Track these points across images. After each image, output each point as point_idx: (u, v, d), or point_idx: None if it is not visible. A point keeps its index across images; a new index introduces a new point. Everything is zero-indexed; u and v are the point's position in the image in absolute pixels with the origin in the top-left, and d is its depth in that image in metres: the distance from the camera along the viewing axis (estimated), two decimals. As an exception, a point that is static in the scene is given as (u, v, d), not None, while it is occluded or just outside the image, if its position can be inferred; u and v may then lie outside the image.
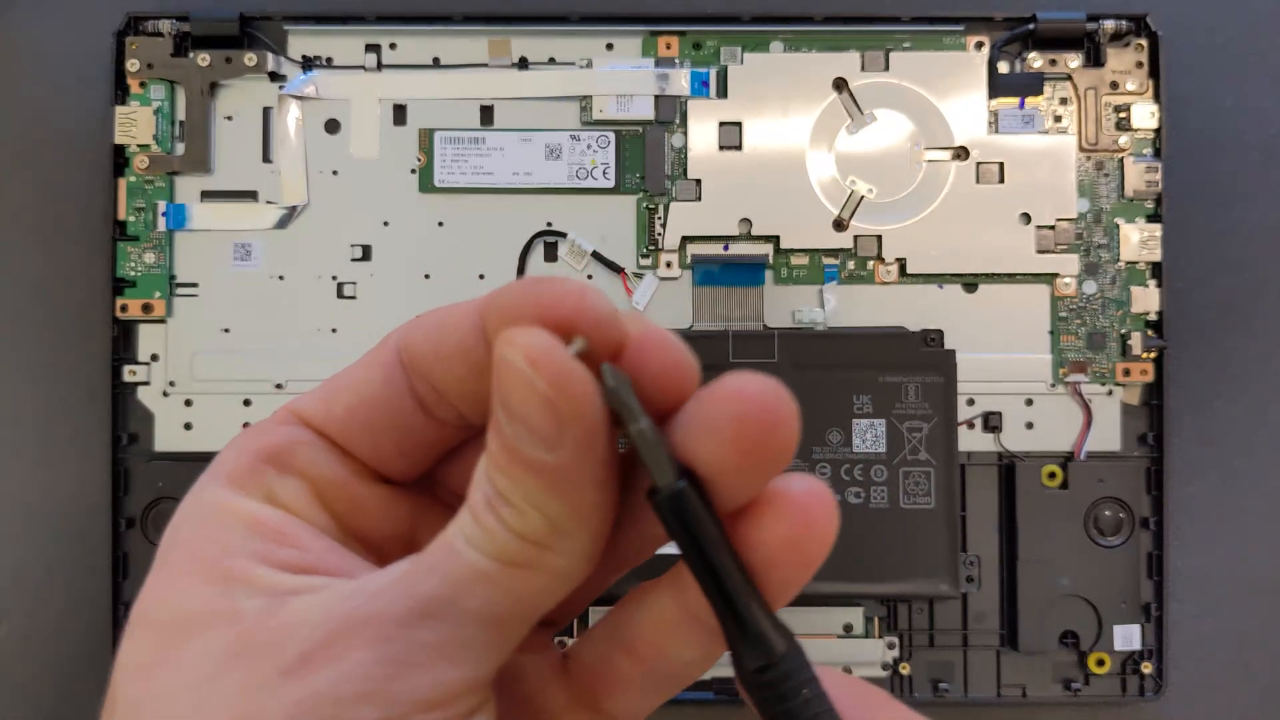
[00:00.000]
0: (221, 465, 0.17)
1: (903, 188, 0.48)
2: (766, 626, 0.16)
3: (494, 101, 0.48)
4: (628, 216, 0.48)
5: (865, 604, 0.47)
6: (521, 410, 0.15)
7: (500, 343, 0.15)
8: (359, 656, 0.15)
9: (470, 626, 0.15)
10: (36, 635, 0.48)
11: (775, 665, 0.16)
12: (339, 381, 0.18)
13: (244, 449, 0.17)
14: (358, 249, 0.48)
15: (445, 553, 0.15)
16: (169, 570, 0.16)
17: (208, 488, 0.17)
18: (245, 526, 0.16)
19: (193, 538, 0.16)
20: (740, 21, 0.49)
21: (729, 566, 0.16)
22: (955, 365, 0.45)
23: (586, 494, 0.15)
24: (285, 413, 0.18)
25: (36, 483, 0.49)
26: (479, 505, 0.15)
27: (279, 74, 0.48)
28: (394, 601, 0.15)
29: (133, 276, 0.48)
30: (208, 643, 0.15)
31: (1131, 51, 0.48)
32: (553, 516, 0.15)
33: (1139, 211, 0.48)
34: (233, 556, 0.16)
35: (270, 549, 0.16)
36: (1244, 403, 0.50)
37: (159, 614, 0.16)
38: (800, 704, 0.16)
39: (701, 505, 0.16)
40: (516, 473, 0.15)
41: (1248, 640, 0.49)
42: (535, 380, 0.14)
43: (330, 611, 0.15)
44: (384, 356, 0.17)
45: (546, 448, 0.15)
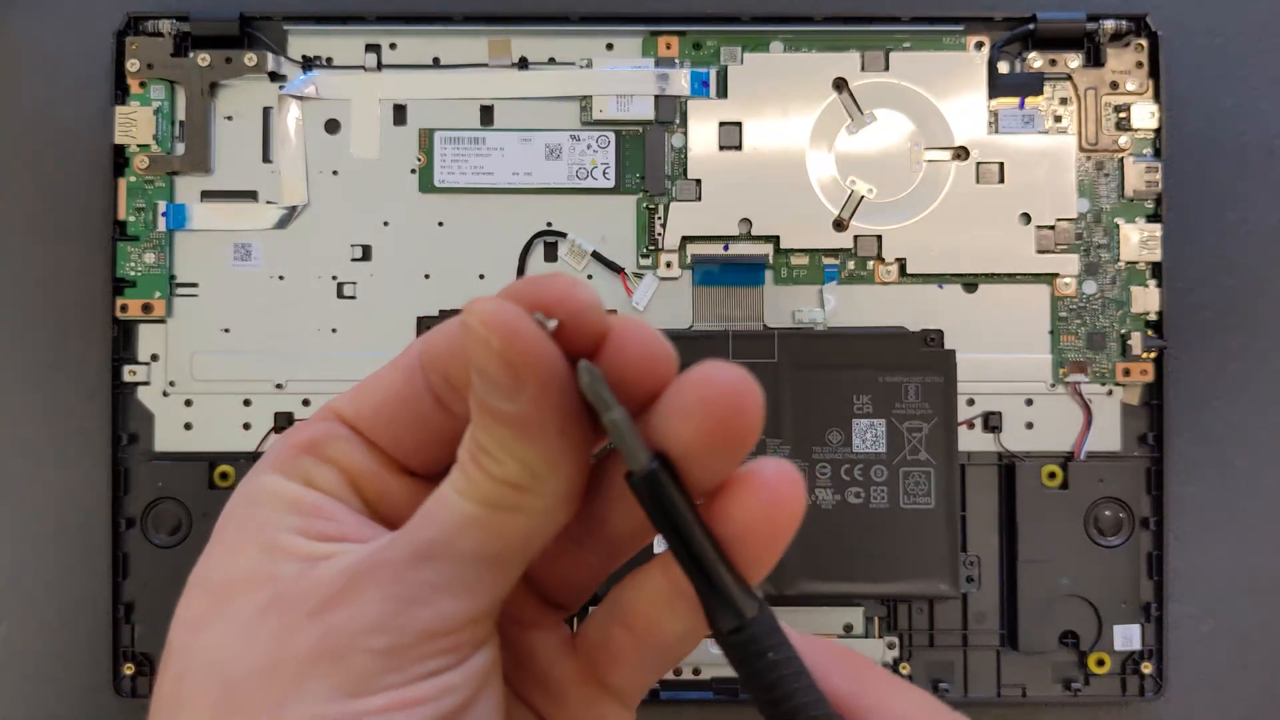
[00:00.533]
0: (267, 456, 0.20)
1: (903, 188, 0.48)
2: (736, 592, 0.17)
3: (494, 101, 0.49)
4: (628, 216, 0.48)
5: (865, 604, 0.47)
6: (483, 366, 0.17)
7: (464, 312, 0.17)
8: (370, 595, 0.17)
9: (466, 565, 0.18)
10: (36, 635, 0.48)
11: (745, 628, 0.17)
12: (369, 382, 0.20)
13: (287, 442, 0.19)
14: (358, 249, 0.48)
15: (439, 503, 0.18)
16: (221, 543, 0.19)
17: (256, 475, 0.19)
18: (286, 505, 0.19)
19: (242, 515, 0.19)
20: (740, 21, 0.49)
21: (699, 538, 0.17)
22: (955, 365, 0.45)
23: (552, 440, 0.17)
24: (325, 410, 0.20)
25: (36, 483, 0.49)
26: (464, 458, 0.18)
27: (279, 74, 0.48)
28: (399, 548, 0.18)
29: (133, 276, 0.48)
30: (248, 600, 0.18)
31: (1131, 51, 0.48)
32: (527, 461, 0.17)
33: (1139, 211, 0.48)
34: (275, 530, 0.18)
35: (308, 522, 0.18)
36: (1244, 403, 0.50)
37: (210, 577, 0.18)
38: (769, 663, 0.17)
39: (673, 484, 0.17)
40: (489, 425, 0.17)
41: (1247, 640, 0.49)
42: (489, 338, 0.16)
43: (351, 563, 0.18)
44: (408, 359, 0.19)
45: (507, 398, 0.17)
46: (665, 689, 0.47)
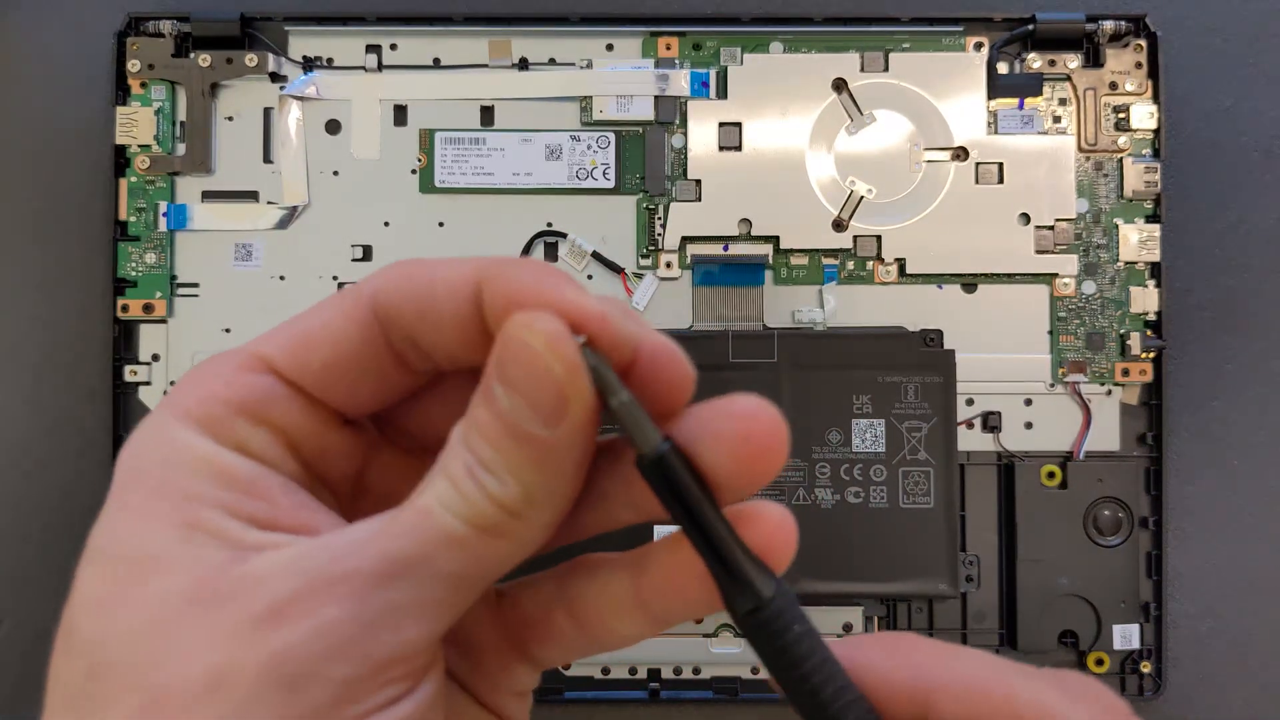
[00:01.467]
0: (188, 406, 0.17)
1: (902, 188, 0.48)
2: (753, 573, 0.17)
3: (494, 102, 0.49)
4: (628, 217, 0.48)
5: (865, 603, 0.47)
6: (529, 388, 0.16)
7: (516, 325, 0.16)
8: (332, 612, 0.15)
9: (437, 587, 0.16)
10: (36, 635, 0.49)
11: (764, 607, 0.17)
12: (309, 332, 0.18)
13: (215, 395, 0.17)
14: (358, 249, 0.49)
15: (420, 515, 0.16)
16: (130, 507, 0.17)
17: (175, 428, 0.17)
18: (215, 475, 0.16)
19: (158, 478, 0.16)
20: (740, 22, 0.49)
21: (714, 520, 0.17)
22: (954, 365, 0.45)
23: (568, 471, 0.17)
24: (253, 359, 0.17)
25: (37, 482, 0.49)
26: (458, 472, 0.16)
27: (280, 74, 0.49)
28: (368, 560, 0.16)
29: (134, 276, 0.48)
30: (167, 585, 0.16)
31: (1130, 52, 0.49)
32: (530, 488, 0.16)
33: (1138, 212, 0.49)
34: (200, 504, 0.16)
35: (239, 500, 0.16)
36: (1243, 403, 0.50)
37: (118, 549, 0.16)
38: (791, 640, 0.17)
39: (684, 466, 0.17)
40: (506, 444, 0.16)
41: (1247, 640, 0.49)
42: (553, 364, 0.16)
43: (303, 565, 0.16)
44: (358, 311, 0.17)
45: (545, 425, 0.16)
46: (665, 688, 0.47)
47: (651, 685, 0.47)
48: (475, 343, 0.17)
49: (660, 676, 0.47)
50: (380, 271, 0.18)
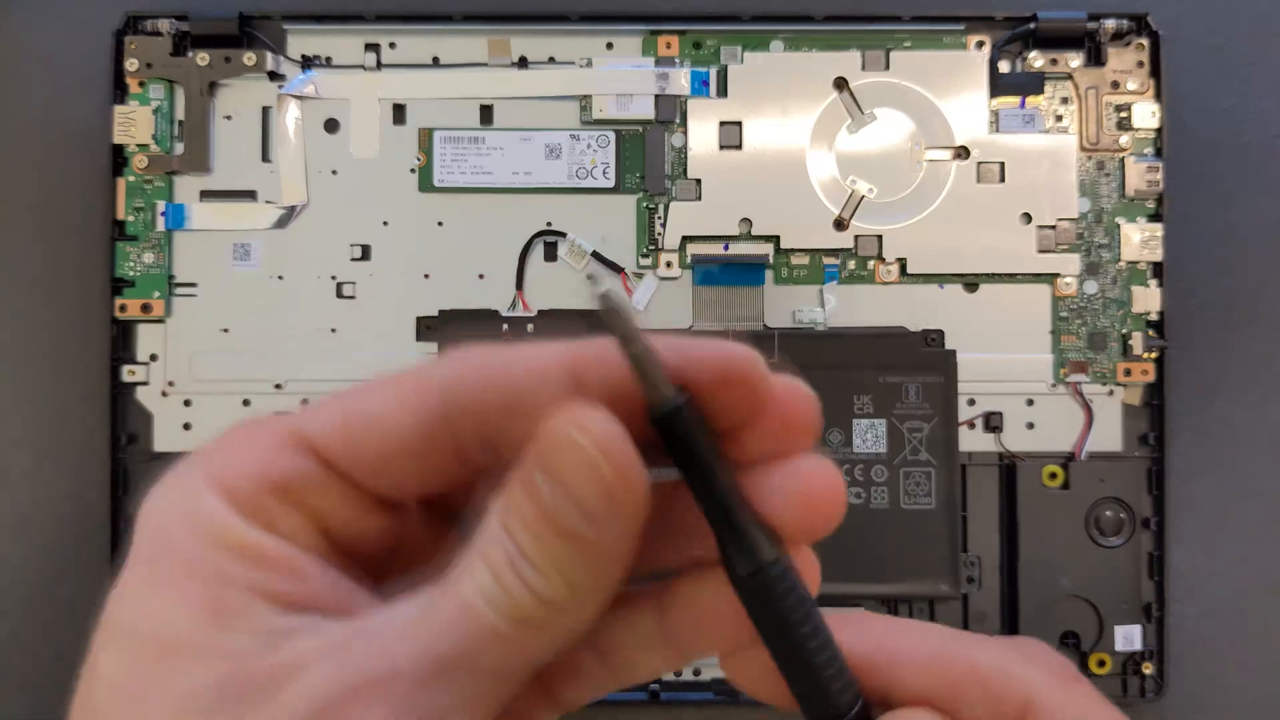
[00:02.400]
0: (221, 477, 0.16)
1: (903, 187, 0.48)
2: (756, 534, 0.16)
3: (494, 101, 0.48)
4: (628, 216, 0.48)
5: (866, 604, 0.47)
6: (575, 486, 0.15)
7: (563, 421, 0.15)
8: (376, 717, 0.15)
9: (482, 684, 0.16)
10: (36, 635, 0.48)
11: (764, 570, 0.16)
12: (364, 418, 0.17)
13: (251, 471, 0.16)
14: (357, 249, 0.48)
15: (462, 610, 0.15)
16: (159, 583, 0.16)
17: (207, 499, 0.16)
18: (249, 556, 0.16)
19: (189, 554, 0.16)
20: (740, 21, 0.48)
21: (723, 477, 0.16)
22: (956, 365, 0.45)
23: (615, 566, 0.16)
24: (296, 438, 0.17)
25: (35, 482, 0.49)
26: (500, 563, 0.15)
27: (278, 73, 0.48)
28: (412, 659, 0.15)
29: (132, 276, 0.48)
30: (201, 675, 0.15)
31: (1132, 51, 0.48)
32: (576, 584, 0.15)
33: (1140, 211, 0.48)
34: (231, 586, 0.15)
35: (273, 580, 0.16)
36: (1245, 402, 0.50)
37: (146, 630, 0.16)
38: (788, 607, 0.17)
39: (698, 421, 0.16)
40: (549, 538, 0.15)
41: (1248, 641, 0.49)
42: (601, 465, 0.15)
43: (343, 660, 0.15)
44: (424, 403, 0.16)
45: (591, 526, 0.15)
46: (665, 690, 0.47)
47: (651, 687, 0.47)
48: None
49: (660, 678, 0.47)
50: (449, 362, 0.17)
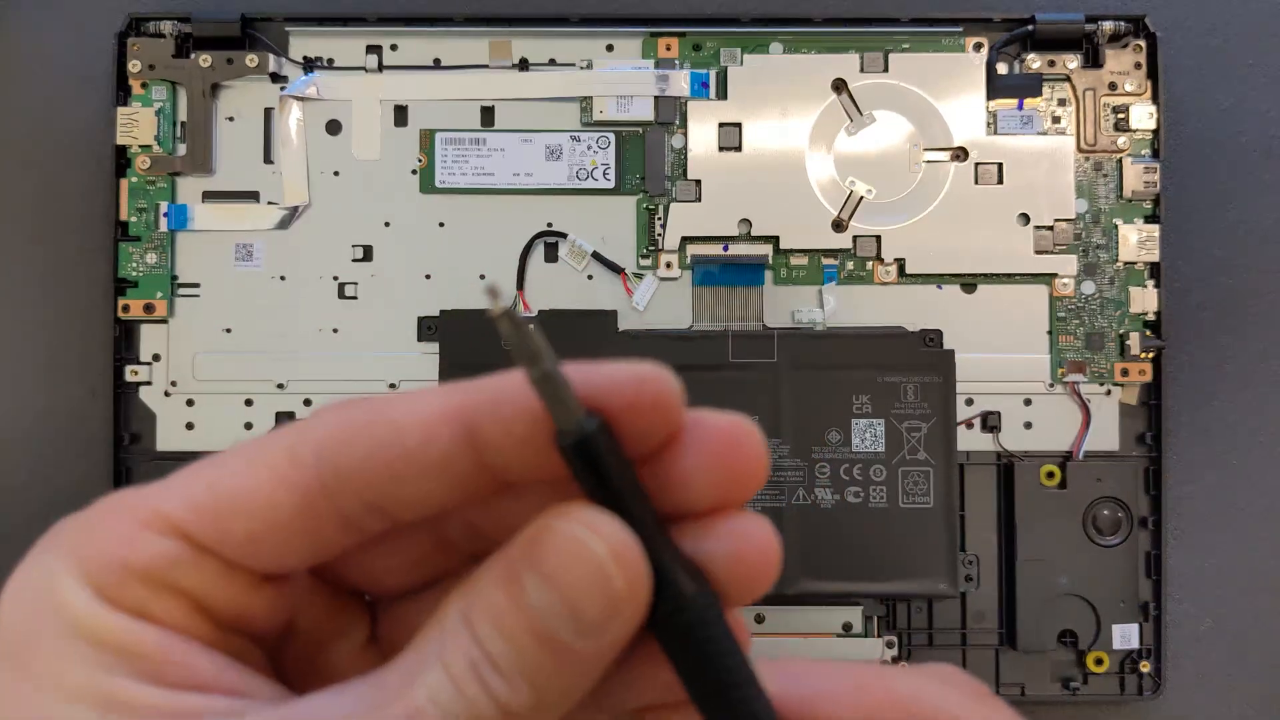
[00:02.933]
0: (83, 564, 0.15)
1: (902, 188, 0.48)
2: (676, 571, 0.15)
3: (495, 102, 0.49)
4: (628, 217, 0.49)
5: (864, 603, 0.47)
6: (578, 596, 0.14)
7: (572, 518, 0.14)
8: None
9: None
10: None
11: (686, 608, 0.15)
12: (231, 495, 0.15)
13: (113, 558, 0.15)
14: (359, 249, 0.49)
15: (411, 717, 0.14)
16: (31, 681, 0.14)
17: (66, 586, 0.14)
18: (118, 648, 0.14)
19: (58, 650, 0.14)
20: (740, 23, 0.49)
21: (640, 508, 0.15)
22: (954, 365, 0.45)
23: (589, 681, 0.15)
24: (155, 517, 0.15)
25: (38, 482, 0.49)
26: (462, 669, 0.14)
27: (280, 75, 0.49)
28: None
29: (134, 277, 0.48)
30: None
31: (1130, 53, 0.49)
32: (543, 694, 0.14)
33: (1137, 212, 0.49)
34: (112, 675, 0.14)
35: (154, 669, 0.14)
36: (1242, 402, 0.50)
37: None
38: (712, 646, 0.15)
39: (611, 447, 0.15)
40: (529, 647, 0.14)
41: (1246, 639, 0.49)
42: (614, 576, 0.14)
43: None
44: (295, 475, 0.15)
45: (581, 635, 0.14)
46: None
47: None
48: (461, 487, 0.15)
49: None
50: (320, 425, 0.15)
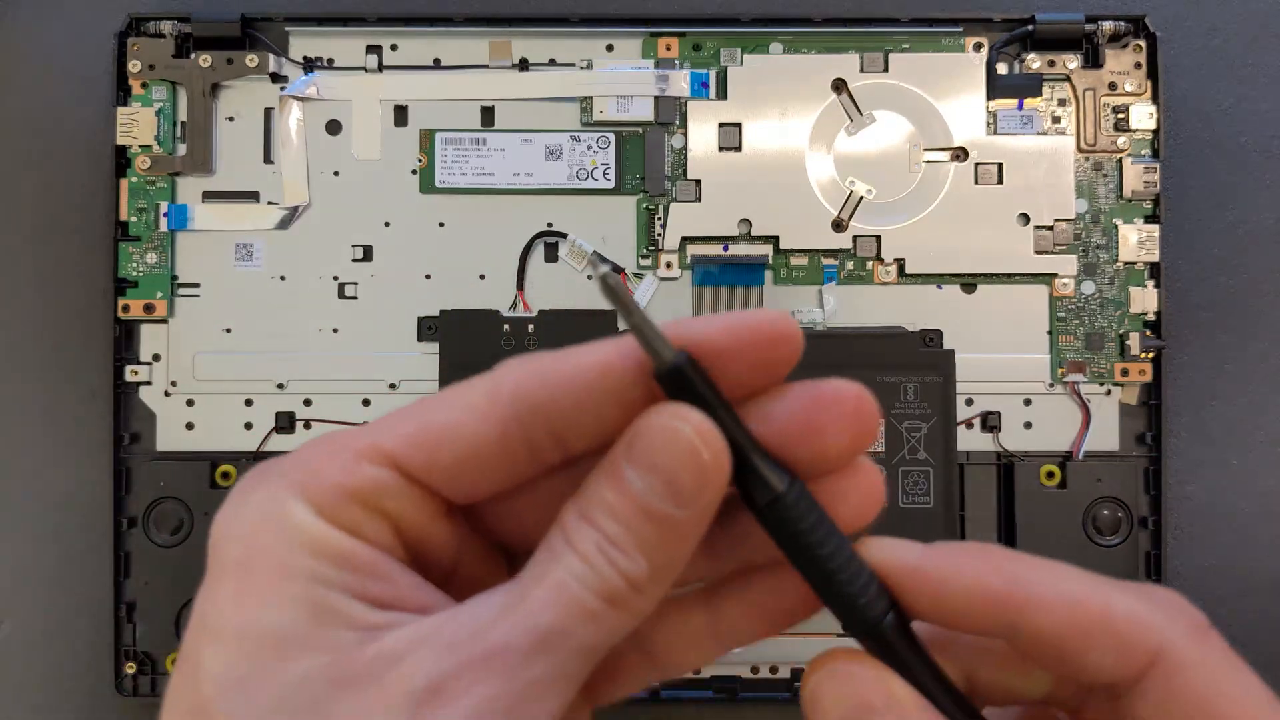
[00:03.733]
0: (303, 485, 0.17)
1: (902, 188, 0.48)
2: (768, 469, 0.18)
3: (495, 102, 0.49)
4: (628, 217, 0.49)
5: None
6: (671, 471, 0.17)
7: (663, 414, 0.17)
8: (489, 689, 0.16)
9: (572, 659, 0.17)
10: (37, 635, 0.49)
11: (780, 498, 0.18)
12: (440, 430, 0.18)
13: (332, 482, 0.17)
14: (359, 249, 0.49)
15: (557, 589, 0.17)
16: (254, 584, 0.17)
17: (293, 508, 0.17)
18: (336, 558, 0.17)
19: (282, 558, 0.17)
20: (740, 23, 0.49)
21: (731, 421, 0.18)
22: (954, 365, 0.45)
23: (689, 548, 0.18)
24: (373, 451, 0.18)
25: (38, 482, 0.49)
26: (589, 549, 0.17)
27: (280, 75, 0.49)
28: (517, 636, 0.16)
29: (134, 277, 0.48)
30: (307, 667, 0.16)
31: (1130, 53, 0.49)
32: (656, 563, 0.17)
33: (1137, 212, 0.49)
34: (324, 587, 0.17)
35: (362, 583, 0.17)
36: (1242, 402, 0.50)
37: (247, 628, 0.16)
38: (807, 529, 0.18)
39: (701, 374, 0.18)
40: (638, 523, 0.17)
41: (1246, 640, 0.49)
42: (701, 450, 0.17)
43: (446, 641, 0.16)
44: (496, 411, 0.18)
45: (678, 504, 0.17)
46: (665, 689, 0.47)
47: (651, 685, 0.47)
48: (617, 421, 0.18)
49: (660, 676, 0.47)
50: (514, 369, 0.18)
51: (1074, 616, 0.18)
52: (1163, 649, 0.17)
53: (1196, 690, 0.17)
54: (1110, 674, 0.17)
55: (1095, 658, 0.17)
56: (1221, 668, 0.17)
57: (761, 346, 0.18)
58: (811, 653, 0.19)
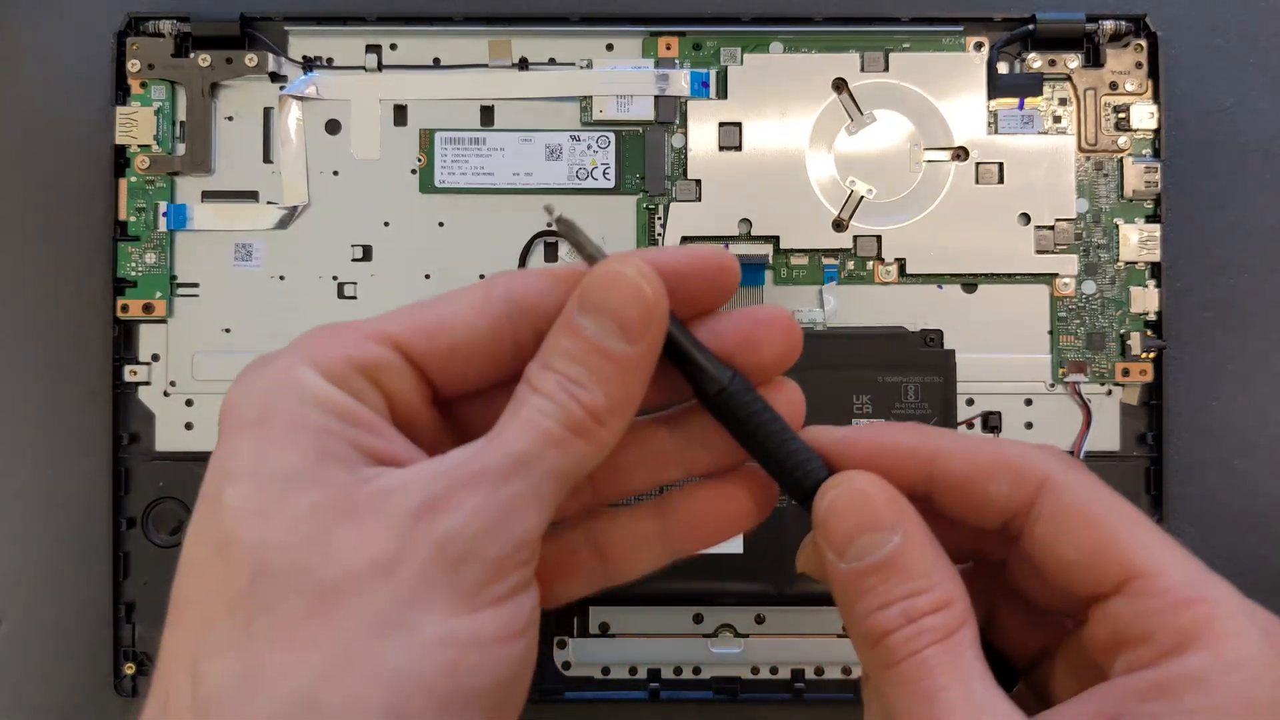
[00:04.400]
0: (312, 356, 0.20)
1: (902, 188, 0.48)
2: (716, 364, 0.21)
3: (494, 102, 0.49)
4: (628, 217, 0.48)
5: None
6: (618, 310, 0.19)
7: (610, 262, 0.20)
8: (477, 501, 0.18)
9: (545, 481, 0.19)
10: (36, 635, 0.49)
11: (726, 388, 0.21)
12: (441, 318, 0.20)
13: (338, 353, 0.20)
14: (358, 249, 0.48)
15: (528, 423, 0.19)
16: (268, 434, 0.19)
17: (305, 372, 0.19)
18: (341, 415, 0.19)
19: (294, 412, 0.19)
20: (740, 22, 0.49)
21: (677, 329, 0.21)
22: (955, 365, 0.45)
23: (641, 383, 0.20)
24: (379, 334, 0.20)
25: (37, 482, 0.49)
26: (552, 388, 0.20)
27: (280, 74, 0.49)
28: (495, 459, 0.19)
29: (134, 276, 0.48)
30: (314, 498, 0.18)
31: (1130, 52, 0.49)
32: (612, 396, 0.20)
33: (1138, 212, 0.49)
34: (330, 437, 0.19)
35: (361, 438, 0.19)
36: (1243, 402, 0.50)
37: (266, 469, 0.18)
38: (753, 412, 0.21)
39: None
40: (594, 361, 0.20)
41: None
42: (644, 288, 0.20)
43: (436, 472, 0.19)
44: (490, 306, 0.21)
45: (628, 341, 0.20)
46: (666, 689, 0.47)
47: (652, 685, 0.47)
48: None
49: (660, 677, 0.47)
50: (501, 276, 0.21)
51: (975, 459, 0.21)
52: (1048, 476, 0.21)
53: (1078, 502, 0.20)
54: (1007, 501, 0.21)
55: (994, 487, 0.21)
56: (1094, 486, 0.21)
57: (710, 272, 0.21)
58: (811, 654, 0.20)
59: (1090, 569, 0.20)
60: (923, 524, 0.21)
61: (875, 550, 0.20)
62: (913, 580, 0.20)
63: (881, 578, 0.20)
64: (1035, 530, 0.21)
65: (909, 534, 0.20)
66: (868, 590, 0.20)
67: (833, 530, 0.21)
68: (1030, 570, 0.22)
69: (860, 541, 0.20)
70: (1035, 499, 0.21)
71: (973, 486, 0.21)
